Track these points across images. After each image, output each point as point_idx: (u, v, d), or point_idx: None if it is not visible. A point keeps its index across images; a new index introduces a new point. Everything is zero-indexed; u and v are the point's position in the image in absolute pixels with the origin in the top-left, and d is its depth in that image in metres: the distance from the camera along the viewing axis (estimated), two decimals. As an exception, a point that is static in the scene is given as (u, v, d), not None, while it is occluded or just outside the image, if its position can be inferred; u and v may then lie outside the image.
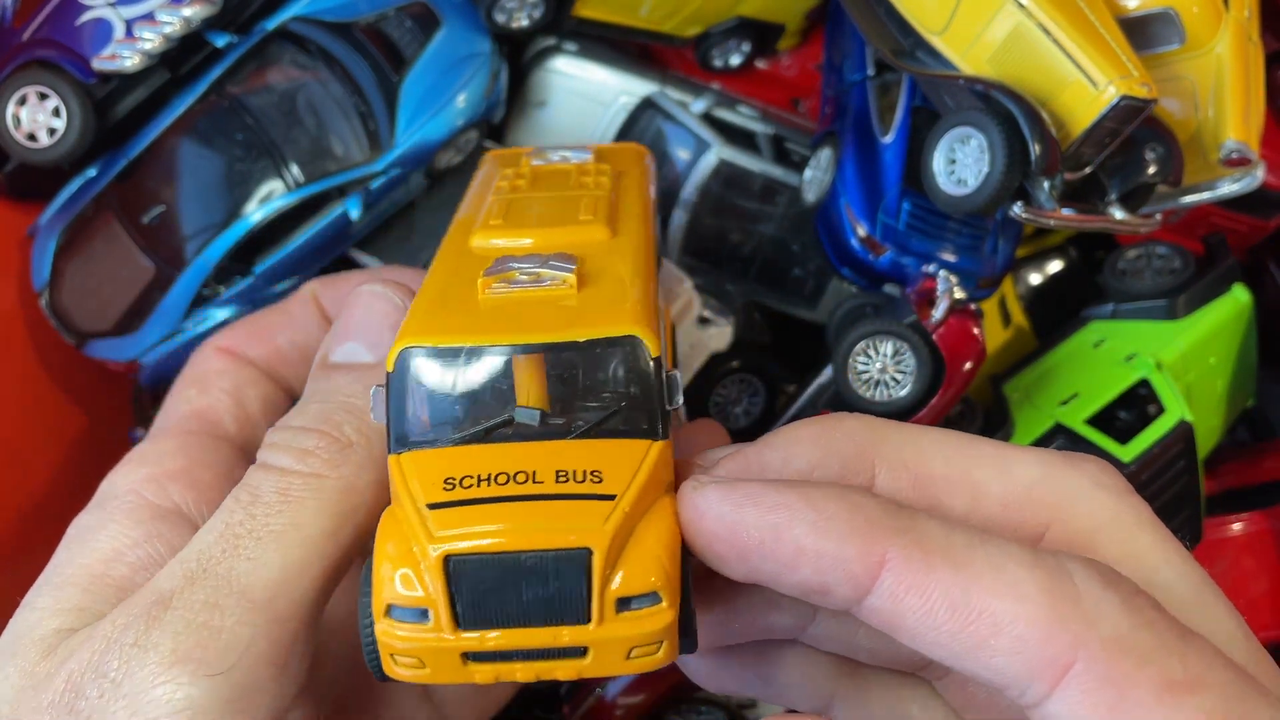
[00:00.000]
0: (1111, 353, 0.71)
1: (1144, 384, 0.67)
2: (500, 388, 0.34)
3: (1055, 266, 0.83)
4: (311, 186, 0.68)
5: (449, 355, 0.34)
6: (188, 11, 0.66)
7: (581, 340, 0.34)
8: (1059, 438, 0.65)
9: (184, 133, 0.69)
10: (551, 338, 0.34)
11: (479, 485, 0.32)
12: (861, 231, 0.67)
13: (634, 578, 0.31)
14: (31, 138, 0.66)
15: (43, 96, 0.65)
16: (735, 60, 0.83)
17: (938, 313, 0.59)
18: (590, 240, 0.41)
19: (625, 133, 0.78)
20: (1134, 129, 0.57)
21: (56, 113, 0.66)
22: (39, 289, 0.70)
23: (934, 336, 0.58)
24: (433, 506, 0.32)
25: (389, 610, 0.32)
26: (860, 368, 0.60)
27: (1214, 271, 0.73)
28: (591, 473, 0.32)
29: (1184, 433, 0.64)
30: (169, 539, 0.39)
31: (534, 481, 0.32)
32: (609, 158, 0.52)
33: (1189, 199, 0.65)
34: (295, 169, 0.68)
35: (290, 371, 0.49)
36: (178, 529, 0.40)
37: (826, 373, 0.62)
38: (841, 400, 0.60)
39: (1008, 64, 0.58)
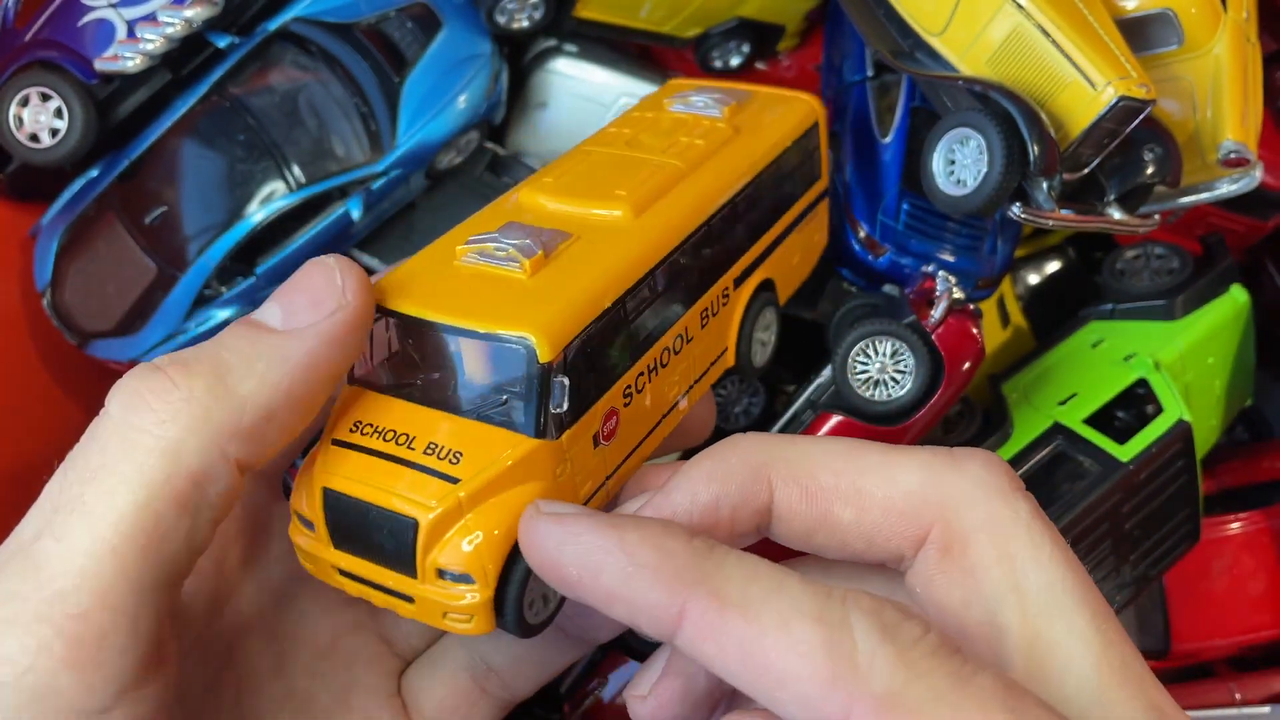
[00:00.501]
0: (1110, 352, 0.71)
1: (1142, 384, 0.67)
2: (413, 353, 0.39)
3: (1054, 267, 0.83)
4: (313, 187, 0.69)
5: (384, 314, 0.39)
6: (189, 12, 0.66)
7: (478, 330, 0.37)
8: (1058, 437, 0.65)
9: (186, 133, 0.69)
10: (452, 320, 0.38)
11: (370, 436, 0.38)
12: (861, 232, 0.67)
13: (452, 556, 0.36)
14: (34, 138, 0.66)
15: (45, 97, 0.66)
16: (735, 61, 0.83)
17: (937, 313, 0.59)
18: (603, 222, 0.43)
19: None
20: (1132, 130, 0.58)
21: (59, 113, 0.66)
22: (41, 289, 0.70)
23: (933, 336, 0.59)
24: (335, 443, 0.38)
25: (296, 514, 0.39)
26: (859, 367, 0.60)
27: (1212, 272, 0.73)
28: (454, 453, 0.36)
29: (1182, 432, 0.64)
30: None
31: (408, 447, 0.37)
32: (754, 112, 0.54)
33: (1187, 199, 0.65)
34: (297, 169, 0.69)
35: None
36: None
37: (826, 373, 0.62)
38: (841, 400, 0.60)
39: (1006, 65, 0.59)
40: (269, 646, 0.43)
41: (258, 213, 0.68)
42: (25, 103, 0.66)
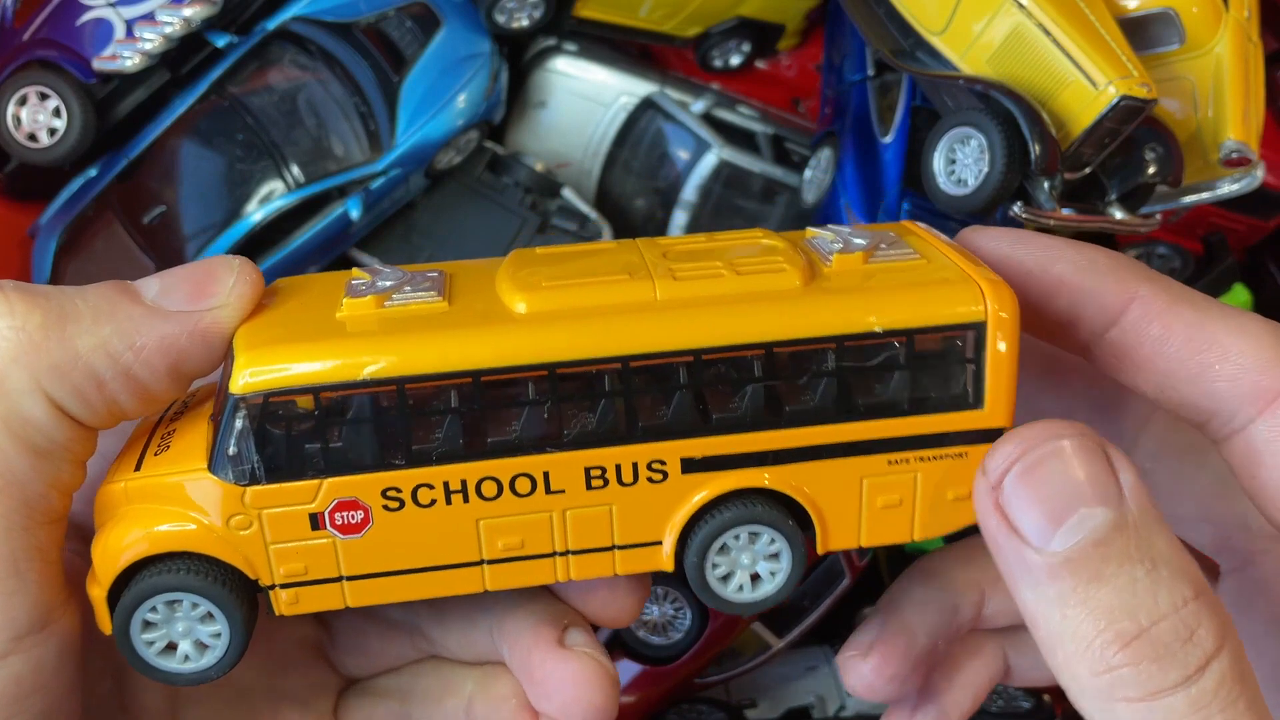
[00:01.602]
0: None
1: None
2: None
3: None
4: (312, 187, 0.68)
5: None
6: (188, 12, 0.66)
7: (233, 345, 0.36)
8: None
9: (184, 133, 0.69)
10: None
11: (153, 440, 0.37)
12: (861, 231, 0.67)
13: (98, 539, 0.34)
14: (32, 138, 0.66)
15: (43, 96, 0.65)
16: (735, 60, 0.83)
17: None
18: (489, 294, 0.36)
19: (625, 133, 0.79)
20: (1134, 129, 0.57)
21: (57, 113, 0.66)
22: (39, 289, 0.70)
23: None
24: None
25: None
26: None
27: (1214, 271, 0.73)
28: (166, 447, 0.35)
29: (1184, 432, 0.64)
30: None
31: (161, 439, 0.36)
32: (878, 274, 0.36)
33: (1189, 199, 0.65)
34: (296, 169, 0.69)
35: None
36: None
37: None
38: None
39: (1007, 64, 0.58)
40: None
41: (256, 212, 0.68)
42: (24, 102, 0.65)
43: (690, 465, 0.35)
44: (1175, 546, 0.31)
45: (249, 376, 0.32)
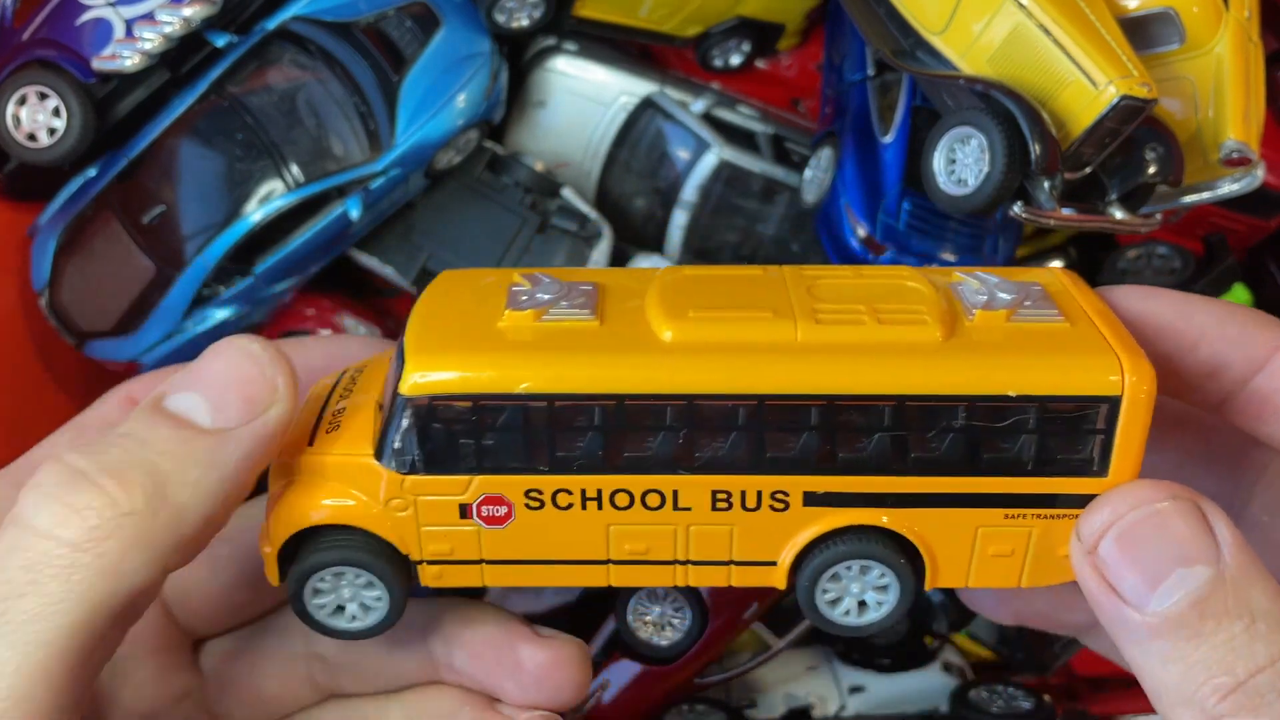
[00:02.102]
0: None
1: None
2: None
3: (1055, 266, 0.83)
4: (311, 186, 0.68)
5: None
6: (188, 11, 0.66)
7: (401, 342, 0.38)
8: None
9: (184, 133, 0.69)
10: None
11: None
12: (862, 231, 0.67)
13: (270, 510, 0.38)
14: (31, 137, 0.66)
15: (43, 96, 0.65)
16: (735, 60, 0.83)
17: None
18: (642, 319, 0.38)
19: (625, 132, 0.79)
20: (1134, 129, 0.57)
21: (56, 112, 0.66)
22: (39, 289, 0.70)
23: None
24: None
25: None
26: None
27: (1214, 271, 0.73)
28: (337, 428, 0.38)
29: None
30: None
31: (334, 417, 0.39)
32: (1018, 335, 0.37)
33: (1189, 199, 0.65)
34: (295, 169, 0.68)
35: None
36: None
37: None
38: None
39: (1008, 64, 0.58)
40: None
41: (256, 212, 0.68)
42: (23, 102, 0.65)
43: (812, 499, 0.37)
44: (1274, 598, 0.31)
45: (417, 379, 0.35)
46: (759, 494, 0.36)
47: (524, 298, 0.37)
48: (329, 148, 0.69)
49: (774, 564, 0.38)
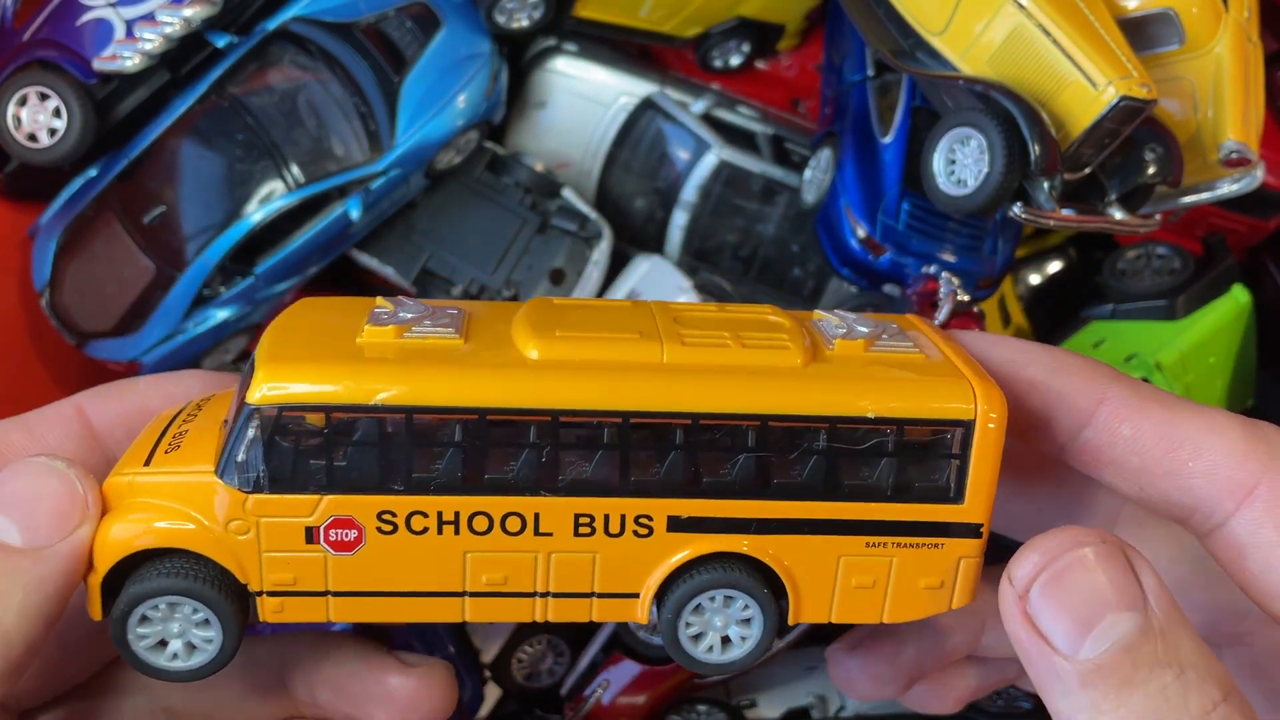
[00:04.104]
0: (1111, 353, 0.71)
1: (1144, 384, 0.67)
2: None
3: (1055, 267, 0.83)
4: (312, 187, 0.68)
5: None
6: (188, 12, 0.66)
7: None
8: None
9: (185, 133, 0.69)
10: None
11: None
12: (861, 232, 0.67)
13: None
14: (32, 138, 0.66)
15: (43, 97, 0.65)
16: (735, 61, 0.83)
17: (941, 315, 0.59)
18: (505, 338, 0.37)
19: (625, 133, 0.79)
20: (1133, 129, 0.57)
21: (57, 113, 0.66)
22: (40, 289, 0.70)
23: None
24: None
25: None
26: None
27: (1213, 272, 0.73)
28: (178, 448, 0.37)
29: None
30: None
31: (172, 439, 0.38)
32: (875, 364, 0.38)
33: (1188, 199, 0.65)
34: (296, 169, 0.69)
35: None
36: None
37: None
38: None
39: (1007, 64, 0.58)
40: None
41: (256, 213, 0.68)
42: (24, 102, 0.65)
43: (676, 524, 0.36)
44: (1200, 648, 0.31)
45: (266, 389, 0.33)
46: (622, 518, 0.36)
47: (385, 316, 0.36)
48: (329, 148, 0.69)
49: (636, 595, 0.37)
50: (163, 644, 0.35)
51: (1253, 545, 0.35)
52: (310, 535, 0.35)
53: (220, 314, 0.70)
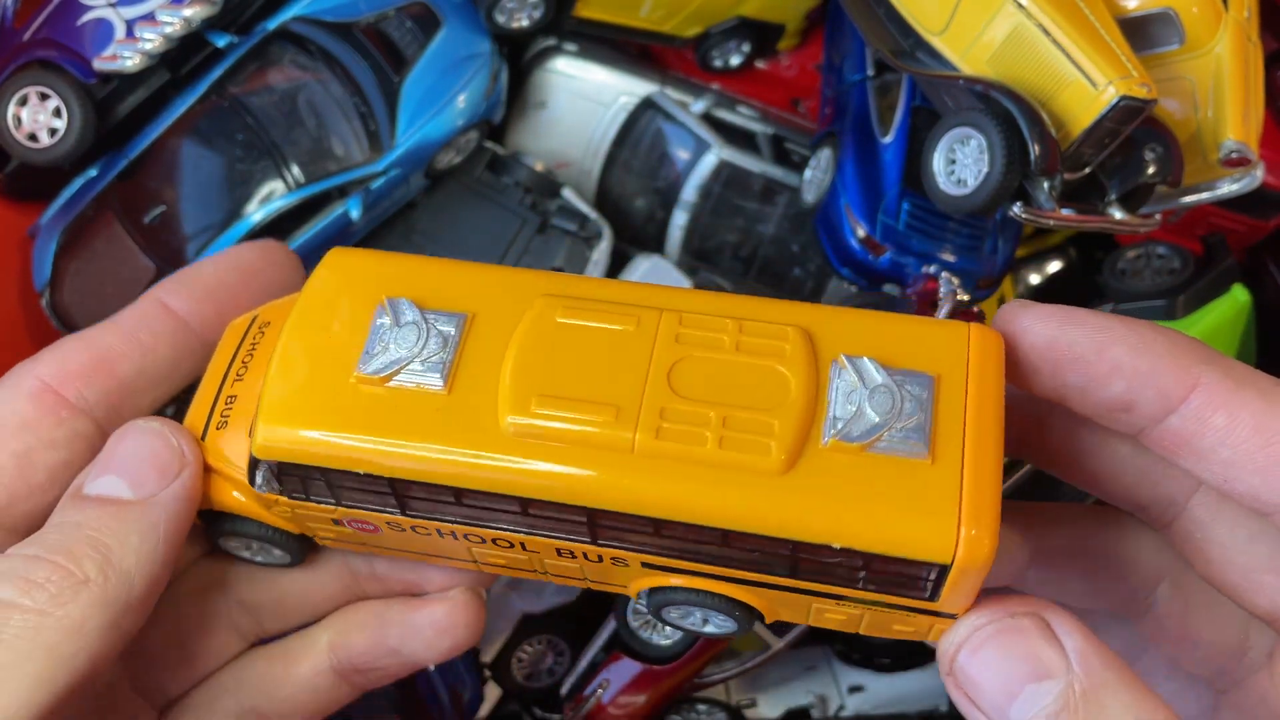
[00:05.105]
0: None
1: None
2: None
3: (1055, 266, 0.83)
4: (312, 187, 0.68)
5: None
6: (188, 12, 0.66)
7: None
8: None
9: (185, 133, 0.69)
10: None
11: None
12: (861, 232, 0.67)
13: None
14: (32, 138, 0.66)
15: (44, 96, 0.65)
16: (735, 60, 0.83)
17: (941, 314, 0.59)
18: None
19: (625, 133, 0.79)
20: (1134, 129, 0.57)
21: (57, 113, 0.66)
22: (40, 289, 0.70)
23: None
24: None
25: None
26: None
27: (1213, 271, 0.73)
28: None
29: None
30: None
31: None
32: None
33: (1188, 199, 0.65)
34: (296, 169, 0.69)
35: (135, 409, 0.42)
36: None
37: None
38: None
39: (1007, 64, 0.58)
40: None
41: (257, 212, 0.68)
42: (24, 102, 0.65)
43: (651, 565, 0.36)
44: (1130, 704, 0.31)
45: (265, 439, 0.35)
46: (600, 555, 0.36)
47: (378, 350, 0.36)
48: (329, 148, 0.69)
49: (625, 587, 0.39)
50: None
51: None
52: (338, 522, 0.38)
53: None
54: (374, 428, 0.35)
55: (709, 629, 0.39)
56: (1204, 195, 0.65)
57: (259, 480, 0.37)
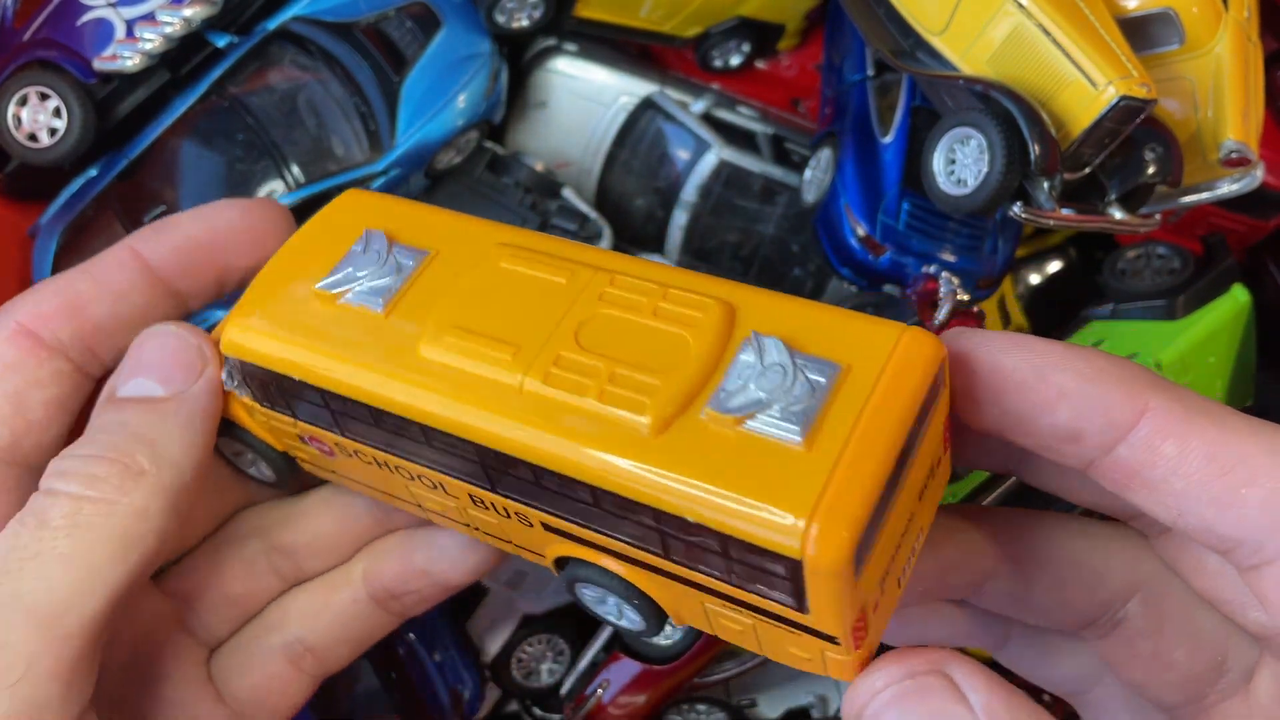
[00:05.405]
0: (1111, 353, 0.70)
1: (1144, 384, 0.67)
2: None
3: (1055, 267, 0.83)
4: (312, 187, 0.68)
5: None
6: (188, 12, 0.66)
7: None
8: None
9: (185, 133, 0.69)
10: None
11: None
12: (861, 232, 0.67)
13: None
14: (32, 138, 0.66)
15: (43, 97, 0.65)
16: (735, 60, 0.83)
17: (940, 314, 0.59)
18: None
19: (625, 133, 0.79)
20: (1133, 129, 0.57)
21: (57, 113, 0.66)
22: (40, 289, 0.70)
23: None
24: None
25: None
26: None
27: (1213, 271, 0.73)
28: None
29: (1184, 433, 0.64)
30: None
31: None
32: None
33: (1188, 199, 0.65)
34: (296, 169, 0.69)
35: (109, 349, 0.44)
36: None
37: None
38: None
39: (1007, 64, 0.58)
40: None
41: (257, 212, 0.68)
42: (24, 102, 0.65)
43: (549, 528, 0.37)
44: None
45: (232, 336, 0.39)
46: (506, 509, 0.37)
47: (341, 271, 0.39)
48: (330, 148, 0.69)
49: (543, 556, 0.39)
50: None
51: None
52: (303, 438, 0.41)
53: (221, 314, 0.70)
54: (314, 338, 0.38)
55: (624, 623, 0.38)
56: (1204, 195, 0.65)
57: (225, 378, 0.40)
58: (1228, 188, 0.64)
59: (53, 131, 0.66)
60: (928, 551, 0.37)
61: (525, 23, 0.73)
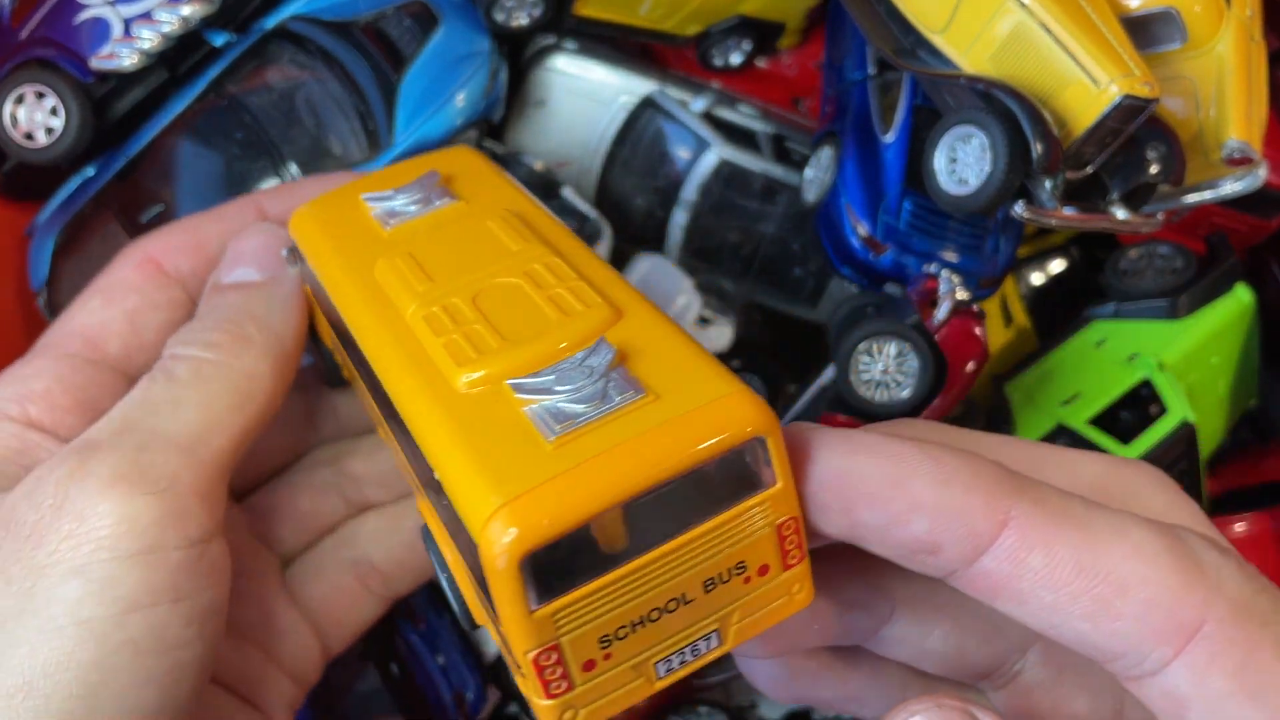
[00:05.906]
0: (1113, 353, 0.70)
1: (1146, 384, 0.66)
2: None
3: (1057, 266, 0.83)
4: (310, 186, 0.68)
5: None
6: (186, 10, 0.65)
7: None
8: (1061, 438, 0.64)
9: (183, 132, 0.68)
10: None
11: None
12: (862, 231, 0.67)
13: None
14: (29, 137, 0.66)
15: (40, 96, 0.65)
16: (735, 59, 0.82)
17: (940, 313, 0.59)
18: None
19: (625, 131, 0.78)
20: (1136, 128, 0.57)
21: (54, 112, 0.65)
22: (37, 289, 0.70)
23: (936, 337, 0.58)
24: None
25: None
26: (863, 369, 0.59)
27: (1216, 271, 0.72)
28: None
29: (1186, 433, 0.64)
30: (30, 455, 0.41)
31: None
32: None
33: (1191, 198, 0.65)
34: (294, 168, 0.68)
35: None
36: (36, 448, 0.42)
37: (828, 373, 0.62)
38: (843, 401, 0.60)
39: (1009, 63, 0.58)
40: None
41: (255, 212, 0.68)
42: (21, 101, 0.65)
43: (413, 481, 0.40)
44: None
45: (293, 219, 0.46)
46: (401, 446, 0.38)
47: (395, 193, 0.43)
48: (328, 147, 0.69)
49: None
50: None
51: (1199, 699, 0.29)
52: (336, 346, 0.45)
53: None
54: (336, 237, 0.42)
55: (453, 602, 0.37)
56: (1206, 195, 0.65)
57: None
58: (1230, 187, 0.64)
59: (50, 130, 0.66)
60: (827, 593, 0.36)
61: (524, 21, 0.73)
